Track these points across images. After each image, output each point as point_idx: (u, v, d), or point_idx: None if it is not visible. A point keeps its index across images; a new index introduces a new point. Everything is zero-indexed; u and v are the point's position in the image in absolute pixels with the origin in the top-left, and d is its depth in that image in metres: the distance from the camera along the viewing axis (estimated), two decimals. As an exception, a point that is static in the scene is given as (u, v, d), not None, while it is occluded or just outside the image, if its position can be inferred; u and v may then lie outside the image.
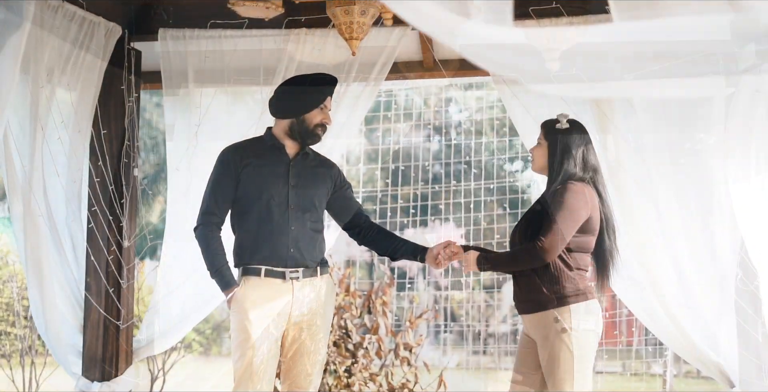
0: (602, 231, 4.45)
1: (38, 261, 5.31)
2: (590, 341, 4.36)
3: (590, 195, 4.40)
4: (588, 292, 4.38)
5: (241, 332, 4.47)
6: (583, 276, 4.41)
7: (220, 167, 4.65)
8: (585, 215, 4.36)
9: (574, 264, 4.39)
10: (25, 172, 5.19)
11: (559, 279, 4.35)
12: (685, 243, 5.21)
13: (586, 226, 4.38)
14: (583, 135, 4.50)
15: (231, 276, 4.57)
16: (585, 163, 4.45)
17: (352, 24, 4.86)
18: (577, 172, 4.43)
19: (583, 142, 4.47)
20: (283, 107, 4.66)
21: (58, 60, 5.38)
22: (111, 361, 5.77)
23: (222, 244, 4.62)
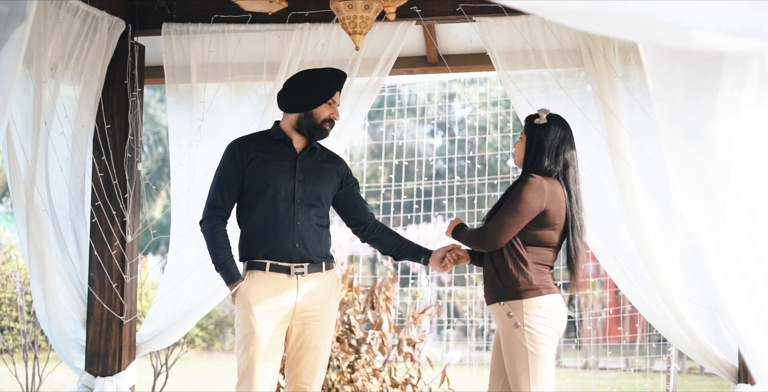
0: (566, 227, 4.42)
1: (41, 256, 5.31)
2: (545, 338, 4.30)
3: (550, 189, 4.37)
4: (544, 288, 4.33)
5: (246, 327, 4.46)
6: (542, 271, 4.37)
7: (227, 160, 4.64)
8: (538, 208, 4.33)
9: (530, 258, 4.36)
10: (29, 166, 5.19)
11: (512, 272, 4.35)
12: (690, 239, 5.19)
13: (542, 220, 4.35)
14: (561, 130, 4.46)
15: (236, 270, 4.56)
16: (557, 157, 4.42)
17: (355, 18, 4.84)
18: (546, 166, 4.41)
19: (559, 137, 4.44)
20: (292, 101, 4.63)
21: (61, 54, 5.38)
22: (114, 356, 5.76)
23: (227, 238, 4.61)
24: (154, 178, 23.01)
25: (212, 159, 4.82)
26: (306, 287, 4.52)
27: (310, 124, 4.60)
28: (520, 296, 4.31)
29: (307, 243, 4.54)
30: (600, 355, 12.93)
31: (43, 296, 5.38)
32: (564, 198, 4.41)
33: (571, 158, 4.46)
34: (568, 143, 4.47)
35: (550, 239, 4.40)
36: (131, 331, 5.86)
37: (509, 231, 4.34)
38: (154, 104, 23.57)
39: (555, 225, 4.38)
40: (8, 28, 4.01)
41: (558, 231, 4.41)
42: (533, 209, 4.33)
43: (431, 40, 6.06)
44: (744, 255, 4.17)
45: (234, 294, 4.52)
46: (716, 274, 4.88)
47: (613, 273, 5.53)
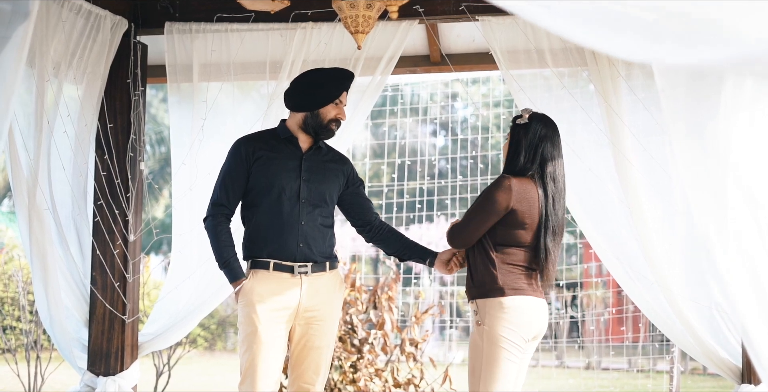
0: (539, 227, 4.37)
1: (43, 256, 5.31)
2: (503, 340, 4.26)
3: (520, 188, 4.33)
4: (510, 288, 4.29)
5: (249, 326, 4.45)
6: (512, 271, 4.32)
7: (232, 158, 4.63)
8: (503, 208, 4.30)
9: (499, 258, 4.34)
10: (31, 165, 5.18)
11: (480, 272, 4.35)
12: (693, 238, 5.18)
13: (511, 220, 4.32)
14: (542, 128, 4.42)
15: (239, 268, 4.55)
16: (534, 156, 4.38)
17: (357, 17, 4.84)
18: (521, 165, 4.38)
19: (539, 136, 4.40)
20: (298, 100, 4.62)
21: (64, 53, 5.38)
22: (116, 356, 5.76)
23: (231, 236, 4.60)
24: (157, 177, 23.03)
25: (214, 158, 4.82)
26: (309, 286, 4.51)
27: (317, 123, 4.58)
28: (485, 295, 4.30)
29: (311, 242, 4.53)
30: (603, 355, 12.92)
31: (46, 295, 5.37)
32: (537, 197, 4.35)
33: (552, 157, 4.39)
34: (549, 142, 4.39)
35: (520, 239, 4.35)
36: (133, 331, 5.85)
37: (473, 230, 4.35)
38: (157, 104, 23.59)
39: (525, 225, 4.33)
40: (11, 26, 4.01)
41: (530, 231, 4.35)
42: (498, 208, 4.31)
43: (434, 39, 6.06)
44: (749, 252, 4.16)
45: (237, 292, 4.52)
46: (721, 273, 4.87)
47: (615, 273, 5.52)
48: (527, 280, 4.34)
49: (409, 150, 10.02)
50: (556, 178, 4.40)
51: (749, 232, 4.44)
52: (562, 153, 4.46)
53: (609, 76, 5.44)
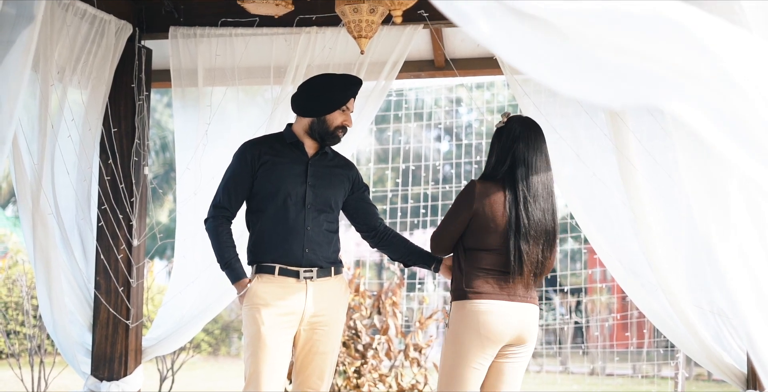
0: (507, 230, 4.30)
1: (47, 260, 5.30)
2: (459, 343, 4.26)
3: (483, 191, 4.31)
4: (472, 292, 4.25)
5: (253, 330, 4.44)
6: (479, 275, 4.29)
7: (237, 162, 4.62)
8: (465, 212, 4.31)
9: (468, 262, 4.33)
10: (35, 170, 5.18)
11: (454, 275, 4.38)
12: (697, 243, 5.17)
13: (476, 224, 4.31)
14: (517, 129, 4.39)
15: (241, 268, 4.54)
16: (504, 156, 4.36)
17: (360, 22, 4.83)
18: (491, 169, 4.38)
19: (512, 136, 4.37)
20: (305, 105, 4.61)
21: (68, 58, 5.38)
22: (120, 360, 5.76)
23: (232, 237, 4.59)
24: (161, 182, 23.04)
25: (219, 163, 4.81)
26: (315, 292, 4.50)
27: (323, 129, 4.57)
28: (454, 298, 4.33)
29: (316, 248, 4.52)
30: (607, 361, 12.90)
31: (49, 300, 5.37)
32: (504, 199, 4.30)
33: (524, 157, 4.33)
34: (521, 141, 4.34)
35: (487, 243, 4.30)
36: (137, 335, 5.85)
37: (446, 235, 4.39)
38: (161, 109, 23.61)
39: (489, 228, 4.29)
40: (15, 30, 4.01)
41: (497, 234, 4.29)
42: (460, 213, 4.33)
43: (438, 43, 6.05)
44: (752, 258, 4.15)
45: (241, 295, 4.51)
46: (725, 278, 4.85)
47: (619, 278, 5.51)
48: (497, 284, 4.27)
49: (414, 155, 10.02)
50: (530, 179, 4.31)
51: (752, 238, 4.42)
52: (543, 153, 4.38)
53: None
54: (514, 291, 4.28)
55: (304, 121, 4.61)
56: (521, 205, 4.28)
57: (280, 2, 4.76)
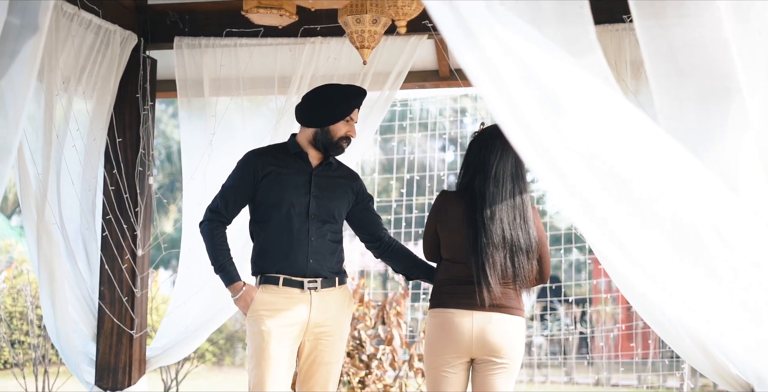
0: (467, 241, 4.29)
1: (51, 270, 5.31)
2: (427, 349, 4.37)
3: (442, 203, 4.38)
4: (434, 302, 4.34)
5: (258, 341, 4.43)
6: (444, 284, 4.34)
7: (240, 170, 4.61)
8: (431, 223, 4.41)
9: (439, 272, 4.40)
10: (40, 180, 5.19)
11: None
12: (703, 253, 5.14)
13: (440, 234, 4.39)
14: (479, 140, 4.39)
15: (235, 271, 4.52)
16: (467, 170, 4.37)
17: (363, 33, 4.84)
18: (459, 180, 4.42)
19: (475, 148, 4.38)
20: (309, 116, 4.60)
21: (73, 68, 5.39)
22: (124, 370, 5.75)
23: (227, 241, 4.57)
24: (166, 192, 23.07)
25: (224, 172, 4.81)
26: (319, 302, 4.49)
27: (327, 140, 4.56)
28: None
29: (320, 258, 4.51)
30: (612, 372, 12.87)
31: (53, 310, 5.37)
32: (462, 211, 4.31)
33: (484, 166, 4.31)
34: (483, 150, 4.33)
35: (454, 253, 4.34)
36: (141, 345, 5.84)
37: (424, 244, 4.49)
38: (166, 119, 23.65)
39: (452, 239, 4.33)
40: (20, 40, 4.02)
41: (457, 245, 4.32)
42: (430, 223, 4.44)
43: (443, 54, 6.05)
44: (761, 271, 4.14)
45: (237, 298, 4.49)
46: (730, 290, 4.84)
47: (624, 289, 5.49)
48: (463, 294, 4.26)
49: (418, 165, 10.01)
50: (488, 188, 4.28)
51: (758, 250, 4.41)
52: (509, 161, 4.31)
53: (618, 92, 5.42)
54: (478, 300, 4.22)
55: (308, 132, 4.60)
56: (478, 215, 4.26)
57: (284, 13, 4.76)
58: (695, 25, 3.40)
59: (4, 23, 3.87)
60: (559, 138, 2.56)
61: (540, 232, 4.36)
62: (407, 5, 4.70)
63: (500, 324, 4.25)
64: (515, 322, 4.28)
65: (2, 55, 4.01)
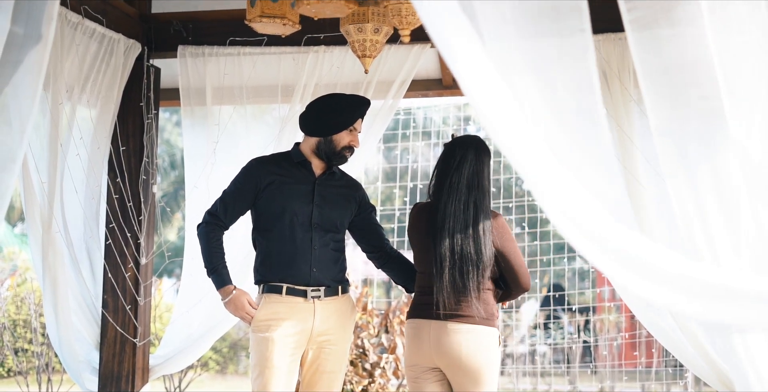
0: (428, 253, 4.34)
1: (55, 278, 5.31)
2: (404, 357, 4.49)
3: (413, 215, 4.47)
4: (409, 310, 4.42)
5: (261, 350, 4.43)
6: (417, 294, 4.42)
7: (243, 177, 4.62)
8: (409, 235, 4.50)
9: (416, 283, 4.46)
10: (44, 188, 5.20)
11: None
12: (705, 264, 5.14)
13: (411, 246, 4.47)
14: (446, 150, 4.42)
15: (228, 275, 4.51)
16: (432, 180, 4.43)
17: (365, 42, 4.85)
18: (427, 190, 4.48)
19: (441, 158, 4.42)
20: (312, 125, 4.61)
21: (78, 77, 5.40)
22: (127, 379, 5.75)
23: (222, 244, 4.56)
24: (170, 200, 23.07)
25: (227, 181, 4.82)
26: (322, 311, 4.49)
27: (330, 149, 4.56)
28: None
29: (323, 267, 4.51)
30: (616, 380, 12.84)
31: (56, 318, 5.37)
32: (426, 220, 4.35)
33: (440, 176, 4.35)
34: (445, 159, 4.37)
35: (417, 265, 4.44)
36: (144, 354, 5.84)
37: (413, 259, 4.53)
38: (170, 128, 23.68)
39: (416, 250, 4.42)
40: (23, 50, 4.02)
41: (420, 255, 4.39)
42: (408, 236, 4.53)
43: (446, 63, 6.06)
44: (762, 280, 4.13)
45: (226, 301, 4.48)
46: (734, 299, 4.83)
47: (627, 297, 5.49)
48: (424, 304, 4.31)
49: (422, 173, 10.01)
50: (441, 199, 4.31)
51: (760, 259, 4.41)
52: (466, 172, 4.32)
53: (621, 101, 5.43)
54: (434, 310, 4.25)
55: (311, 141, 4.61)
56: (439, 229, 4.27)
57: (287, 22, 4.77)
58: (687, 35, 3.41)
59: (8, 33, 3.87)
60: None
61: (505, 242, 4.32)
62: (411, 15, 4.70)
63: (455, 334, 4.24)
64: (473, 331, 4.25)
65: (6, 65, 4.02)
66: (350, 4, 4.61)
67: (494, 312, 4.32)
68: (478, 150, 4.38)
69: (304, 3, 4.57)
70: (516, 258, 4.34)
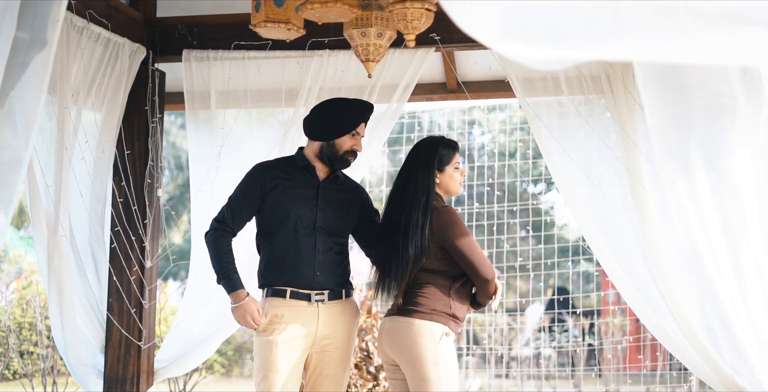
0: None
1: (60, 282, 5.32)
2: None
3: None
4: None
5: (265, 354, 4.44)
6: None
7: (247, 182, 4.63)
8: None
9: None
10: (49, 191, 5.21)
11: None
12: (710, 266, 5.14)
13: None
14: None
15: (239, 280, 4.51)
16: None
17: (368, 46, 4.86)
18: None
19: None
20: (315, 129, 4.62)
21: (83, 80, 5.42)
22: (132, 382, 5.76)
23: (231, 251, 4.57)
24: (177, 203, 23.07)
25: (231, 185, 4.83)
26: (326, 315, 4.50)
27: (332, 153, 4.58)
28: None
29: (327, 271, 4.52)
30: (620, 384, 12.82)
31: (61, 321, 5.39)
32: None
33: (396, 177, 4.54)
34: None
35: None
36: (149, 357, 5.86)
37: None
38: (175, 131, 23.69)
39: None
40: (29, 54, 4.04)
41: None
42: None
43: (450, 67, 6.07)
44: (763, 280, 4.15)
45: (236, 306, 4.48)
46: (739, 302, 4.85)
47: (631, 301, 5.49)
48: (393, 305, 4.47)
49: (426, 177, 10.00)
50: (389, 198, 4.52)
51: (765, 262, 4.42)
52: (407, 172, 4.49)
53: (625, 104, 5.44)
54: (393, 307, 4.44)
55: (314, 145, 4.62)
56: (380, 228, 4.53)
57: (292, 27, 4.78)
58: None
59: (14, 38, 3.89)
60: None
61: (447, 236, 4.37)
62: (416, 19, 4.72)
63: (389, 327, 4.40)
64: (403, 322, 4.34)
65: (12, 68, 4.04)
66: (354, 9, 4.62)
67: (437, 307, 4.34)
68: (418, 150, 4.51)
69: (307, 7, 4.58)
70: (466, 251, 4.36)
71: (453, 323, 4.35)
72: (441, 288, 4.36)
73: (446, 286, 4.37)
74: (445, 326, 4.31)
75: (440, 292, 4.35)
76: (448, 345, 4.32)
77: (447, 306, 4.34)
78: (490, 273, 4.38)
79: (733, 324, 4.96)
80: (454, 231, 4.37)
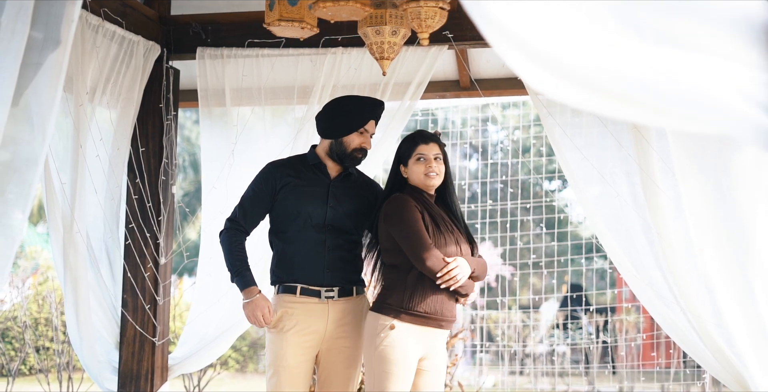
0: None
1: (75, 278, 5.36)
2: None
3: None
4: None
5: (276, 350, 4.46)
6: None
7: (259, 182, 4.66)
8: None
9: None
10: (64, 189, 5.24)
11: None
12: (719, 264, 5.14)
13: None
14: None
15: (251, 277, 4.55)
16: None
17: (383, 44, 4.87)
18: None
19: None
20: (325, 127, 4.64)
21: (98, 78, 5.45)
22: (146, 378, 5.79)
23: (245, 249, 4.61)
24: (192, 199, 23.11)
25: (245, 182, 4.86)
26: (336, 312, 4.52)
27: (341, 151, 4.60)
28: None
29: (337, 268, 4.54)
30: (635, 381, 12.81)
31: (77, 317, 5.42)
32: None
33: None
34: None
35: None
36: (164, 353, 5.89)
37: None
38: (190, 126, 23.72)
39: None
40: (43, 53, 4.06)
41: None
42: None
43: (463, 64, 6.08)
44: None
45: (247, 302, 4.51)
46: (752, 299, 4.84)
47: (644, 298, 5.49)
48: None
49: (441, 174, 10.02)
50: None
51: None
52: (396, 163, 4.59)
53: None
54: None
55: (325, 143, 4.65)
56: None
57: (305, 26, 4.80)
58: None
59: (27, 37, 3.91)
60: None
61: (388, 225, 4.40)
62: (431, 18, 4.73)
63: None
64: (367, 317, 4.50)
65: (27, 67, 4.06)
66: (366, 8, 4.64)
67: (388, 300, 4.37)
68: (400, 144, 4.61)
69: (320, 6, 4.59)
70: (398, 237, 4.37)
71: (408, 316, 4.30)
72: (397, 282, 4.38)
73: (402, 279, 4.36)
74: (394, 319, 4.31)
75: (397, 285, 4.37)
76: (394, 337, 4.29)
77: (401, 299, 4.32)
78: (423, 261, 4.28)
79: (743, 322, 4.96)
80: (391, 220, 4.38)
